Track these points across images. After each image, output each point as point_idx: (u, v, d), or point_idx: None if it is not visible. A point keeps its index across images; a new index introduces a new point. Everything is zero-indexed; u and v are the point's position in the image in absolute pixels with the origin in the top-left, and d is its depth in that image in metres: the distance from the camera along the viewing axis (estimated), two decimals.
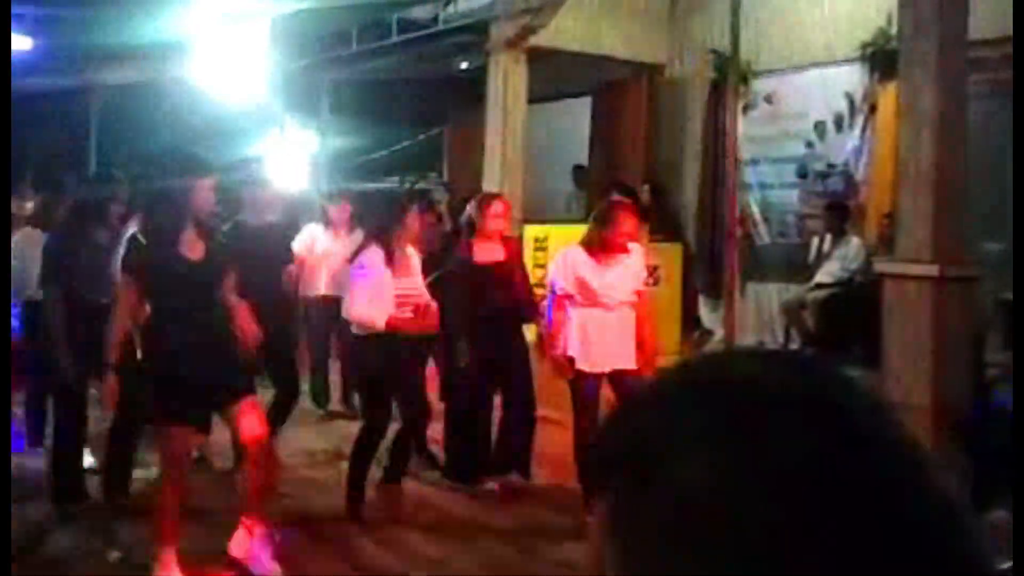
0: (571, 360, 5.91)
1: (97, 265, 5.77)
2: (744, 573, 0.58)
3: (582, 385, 5.92)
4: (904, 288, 6.26)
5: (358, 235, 6.83)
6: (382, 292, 5.73)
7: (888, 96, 8.53)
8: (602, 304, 5.91)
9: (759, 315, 10.07)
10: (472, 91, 11.41)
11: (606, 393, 5.93)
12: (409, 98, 13.79)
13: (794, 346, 8.91)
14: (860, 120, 9.49)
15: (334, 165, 15.34)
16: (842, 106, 9.62)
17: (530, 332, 6.80)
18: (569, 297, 5.94)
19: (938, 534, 0.61)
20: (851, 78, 9.45)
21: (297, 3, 10.58)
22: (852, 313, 8.34)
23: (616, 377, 5.86)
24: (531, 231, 9.98)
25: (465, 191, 9.41)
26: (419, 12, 10.94)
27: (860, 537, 0.58)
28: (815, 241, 9.21)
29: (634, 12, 10.97)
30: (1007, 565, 1.66)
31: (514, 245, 6.80)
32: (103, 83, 13.28)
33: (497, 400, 6.56)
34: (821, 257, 9.01)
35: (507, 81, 10.31)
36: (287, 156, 13.82)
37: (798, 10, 9.99)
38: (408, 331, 5.76)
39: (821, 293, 8.86)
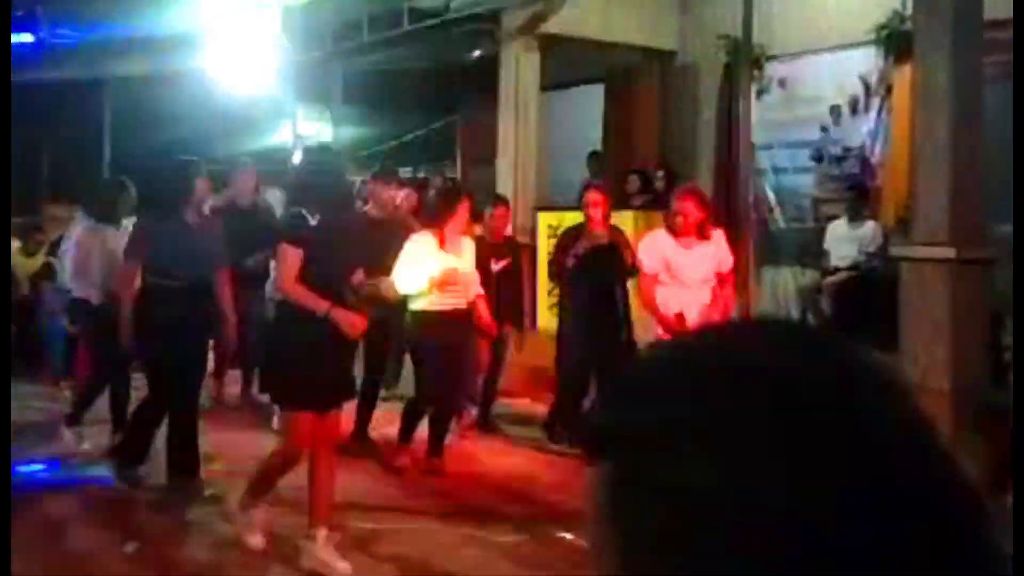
0: (680, 316, 6.20)
1: (185, 247, 5.94)
2: (751, 570, 0.57)
3: None
4: (921, 271, 6.22)
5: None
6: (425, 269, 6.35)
7: (903, 78, 8.46)
8: (680, 282, 6.33)
9: (775, 300, 10.03)
10: (484, 79, 11.37)
11: None
12: (421, 87, 13.75)
13: None
14: (876, 103, 9.42)
15: (347, 155, 15.34)
16: (857, 89, 9.55)
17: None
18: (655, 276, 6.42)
19: (955, 519, 0.59)
20: (866, 61, 9.37)
21: None
22: (869, 297, 8.29)
23: None
24: (545, 218, 9.97)
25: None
26: (429, 1, 10.90)
27: (877, 531, 0.56)
28: (832, 225, 9.15)
29: None
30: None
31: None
32: (116, 76, 13.29)
33: None
34: (838, 241, 8.96)
35: (519, 69, 10.28)
36: (300, 146, 13.81)
37: None
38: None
39: (837, 277, 8.81)
